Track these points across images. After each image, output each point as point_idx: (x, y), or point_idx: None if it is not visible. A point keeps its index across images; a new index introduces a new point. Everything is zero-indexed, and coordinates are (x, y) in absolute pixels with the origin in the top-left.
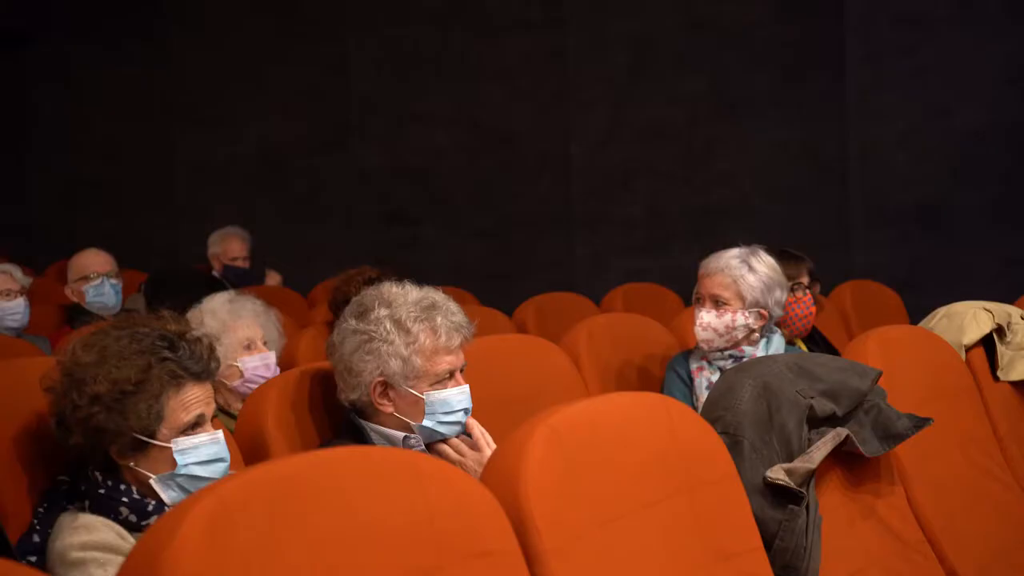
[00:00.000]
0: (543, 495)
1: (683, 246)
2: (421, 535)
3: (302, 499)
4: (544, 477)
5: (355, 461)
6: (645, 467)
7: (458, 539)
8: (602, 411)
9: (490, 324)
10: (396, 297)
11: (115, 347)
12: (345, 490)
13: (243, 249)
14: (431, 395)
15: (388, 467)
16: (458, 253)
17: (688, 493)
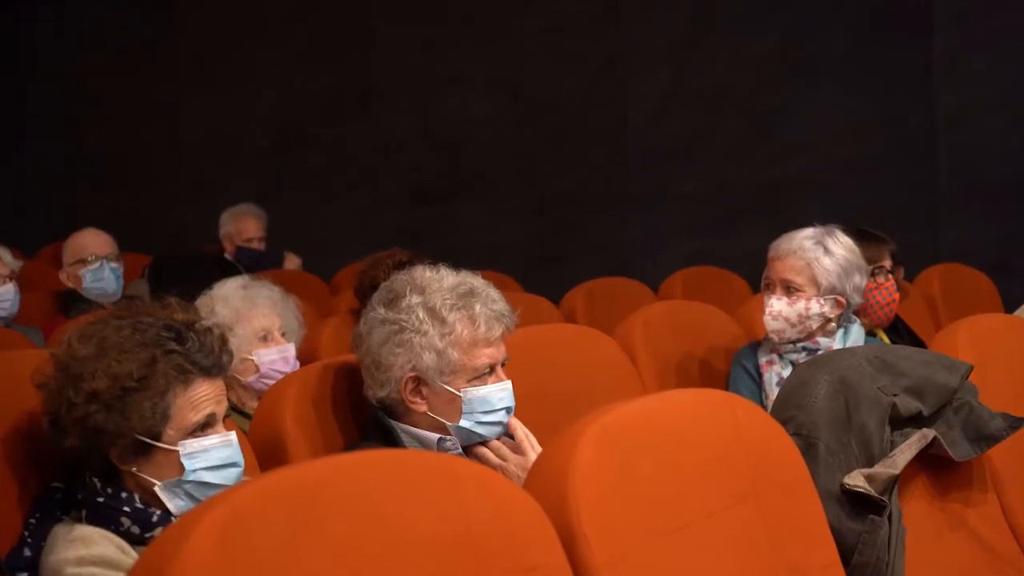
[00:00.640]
0: (594, 503)
1: (750, 225)
2: (458, 548)
3: (325, 508)
4: (595, 483)
5: (384, 466)
6: (708, 472)
7: (499, 553)
8: (660, 410)
9: (534, 313)
10: (430, 283)
11: (115, 338)
12: (373, 498)
13: (258, 229)
14: (469, 392)
15: (421, 472)
16: (499, 233)
17: (756, 501)
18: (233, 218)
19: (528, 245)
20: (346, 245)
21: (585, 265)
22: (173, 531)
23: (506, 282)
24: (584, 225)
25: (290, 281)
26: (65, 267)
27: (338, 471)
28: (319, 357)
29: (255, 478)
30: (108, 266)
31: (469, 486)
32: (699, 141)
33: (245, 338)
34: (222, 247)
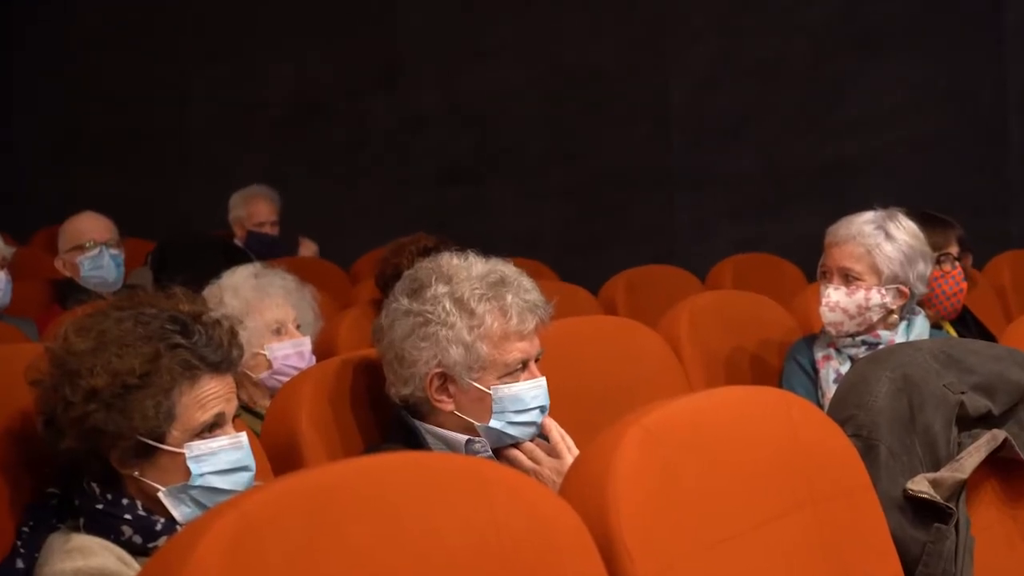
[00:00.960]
0: (636, 511)
1: (806, 209)
2: (487, 559)
3: (343, 516)
4: (637, 489)
5: (407, 470)
6: (759, 478)
7: (532, 564)
8: (707, 409)
9: (571, 303)
10: (457, 271)
11: (116, 331)
12: (395, 505)
13: (271, 212)
14: (500, 390)
15: (447, 477)
16: (532, 217)
17: (812, 509)
18: (244, 201)
19: (564, 230)
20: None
21: (626, 252)
22: (179, 541)
23: (540, 270)
24: (625, 208)
25: (305, 269)
26: (61, 254)
27: (357, 475)
28: (337, 352)
29: (268, 483)
30: (108, 253)
31: (500, 492)
32: (750, 117)
33: (257, 331)
34: (231, 232)
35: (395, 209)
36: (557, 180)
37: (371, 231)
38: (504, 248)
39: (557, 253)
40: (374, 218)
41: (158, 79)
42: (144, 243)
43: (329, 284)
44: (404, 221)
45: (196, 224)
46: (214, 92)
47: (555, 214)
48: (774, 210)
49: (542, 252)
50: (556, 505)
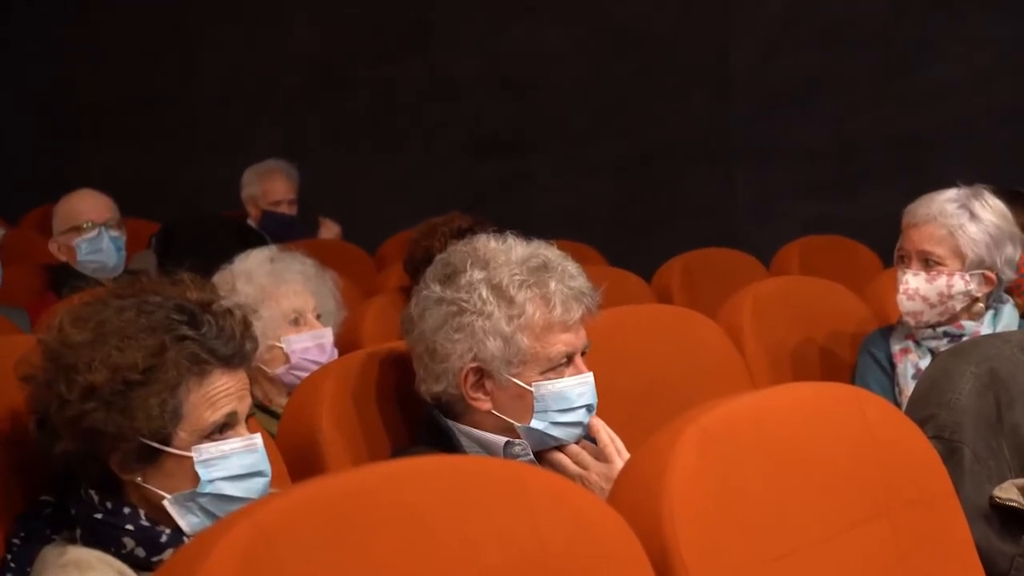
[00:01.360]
0: (693, 521)
1: (882, 186)
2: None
3: (368, 526)
4: (694, 497)
5: (439, 475)
6: (830, 484)
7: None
8: (772, 408)
9: (622, 290)
10: (495, 255)
11: (116, 322)
12: (426, 515)
13: (288, 190)
14: (542, 386)
15: (483, 483)
16: (578, 195)
17: (887, 519)
18: (258, 177)
19: (613, 209)
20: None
21: (682, 233)
22: (186, 554)
23: (587, 253)
24: (681, 185)
25: (327, 253)
26: (55, 236)
27: (384, 481)
28: (361, 344)
29: (284, 490)
30: (107, 235)
31: (542, 500)
32: (820, 83)
33: (272, 321)
34: (244, 212)
35: (426, 186)
36: (606, 153)
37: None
38: (547, 229)
39: (606, 235)
40: (403, 196)
41: (164, 44)
42: (147, 224)
43: (353, 269)
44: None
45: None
46: (226, 58)
47: (603, 191)
48: (846, 187)
49: (589, 233)
50: (604, 514)
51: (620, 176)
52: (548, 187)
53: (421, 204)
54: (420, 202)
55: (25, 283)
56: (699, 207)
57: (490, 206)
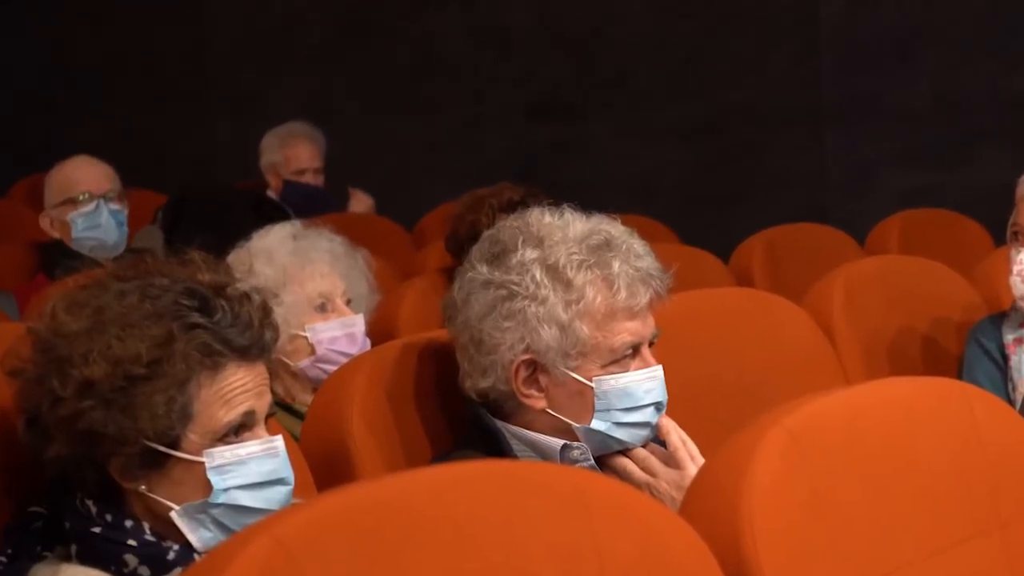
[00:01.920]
0: (777, 535)
1: (993, 152)
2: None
3: (404, 542)
4: (778, 508)
5: (486, 483)
6: (933, 493)
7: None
8: (867, 406)
9: (695, 271)
10: (551, 231)
11: (117, 308)
12: (471, 528)
13: (313, 157)
14: (604, 381)
15: (537, 492)
16: (645, 163)
17: (999, 533)
18: (279, 142)
19: (686, 179)
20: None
21: (764, 207)
22: (197, 573)
23: (656, 230)
24: (763, 152)
25: (358, 228)
26: (48, 209)
27: (423, 491)
28: (398, 334)
29: (309, 500)
30: (106, 208)
31: (603, 511)
32: (922, 35)
33: (296, 307)
34: (264, 182)
35: (471, 153)
36: (676, 116)
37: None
38: (609, 202)
39: (676, 208)
40: (444, 164)
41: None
42: (153, 195)
43: (388, 247)
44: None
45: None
46: (238, 4)
47: (674, 159)
48: (952, 154)
49: (657, 207)
50: (675, 528)
51: (692, 142)
52: (610, 154)
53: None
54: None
55: (13, 263)
56: (783, 177)
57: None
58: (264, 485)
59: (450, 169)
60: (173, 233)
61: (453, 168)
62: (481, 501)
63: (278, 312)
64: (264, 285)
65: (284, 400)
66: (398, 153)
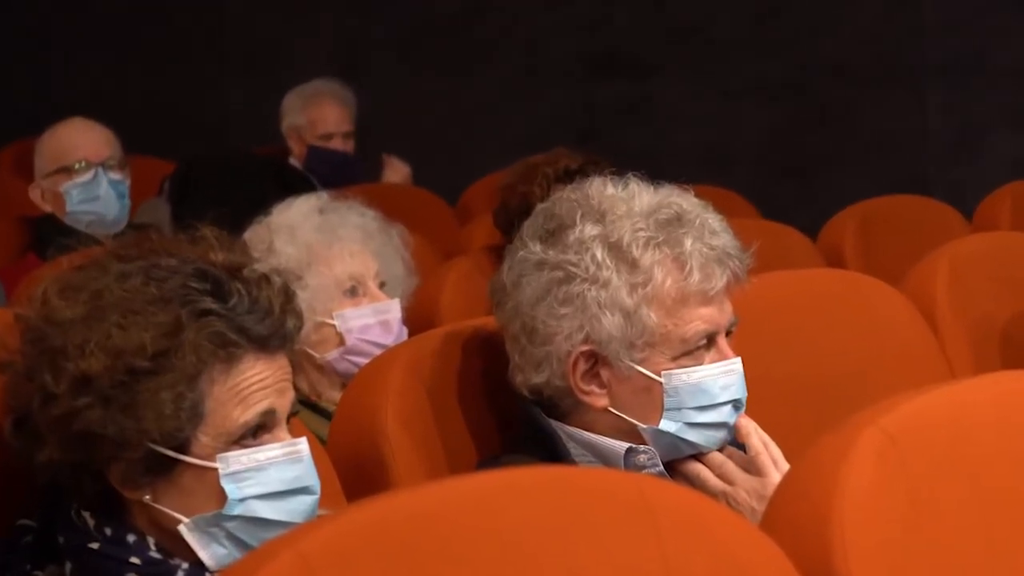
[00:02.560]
0: (871, 553)
1: None
2: None
3: (447, 560)
4: (873, 521)
5: (540, 493)
6: None
7: None
8: (975, 404)
9: (778, 250)
10: (614, 204)
11: (118, 292)
12: (522, 543)
13: (342, 119)
14: (675, 376)
15: (598, 504)
16: (721, 127)
17: None
18: (303, 103)
19: (767, 145)
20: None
21: (857, 176)
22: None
23: (734, 202)
24: (855, 114)
25: (393, 201)
26: (39, 180)
27: (468, 501)
28: (438, 321)
29: (337, 512)
30: (106, 177)
31: (674, 524)
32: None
33: (322, 291)
34: (285, 148)
35: (522, 114)
36: (756, 73)
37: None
38: (680, 170)
39: (757, 178)
40: (493, 127)
41: None
42: (158, 163)
43: (428, 223)
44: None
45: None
46: None
47: (754, 122)
48: None
49: (735, 177)
50: (755, 543)
51: (775, 102)
52: (682, 116)
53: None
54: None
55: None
56: (879, 142)
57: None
58: (286, 494)
59: (499, 133)
60: (182, 207)
61: (502, 132)
62: (534, 513)
63: (302, 297)
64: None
65: (309, 397)
66: (439, 114)
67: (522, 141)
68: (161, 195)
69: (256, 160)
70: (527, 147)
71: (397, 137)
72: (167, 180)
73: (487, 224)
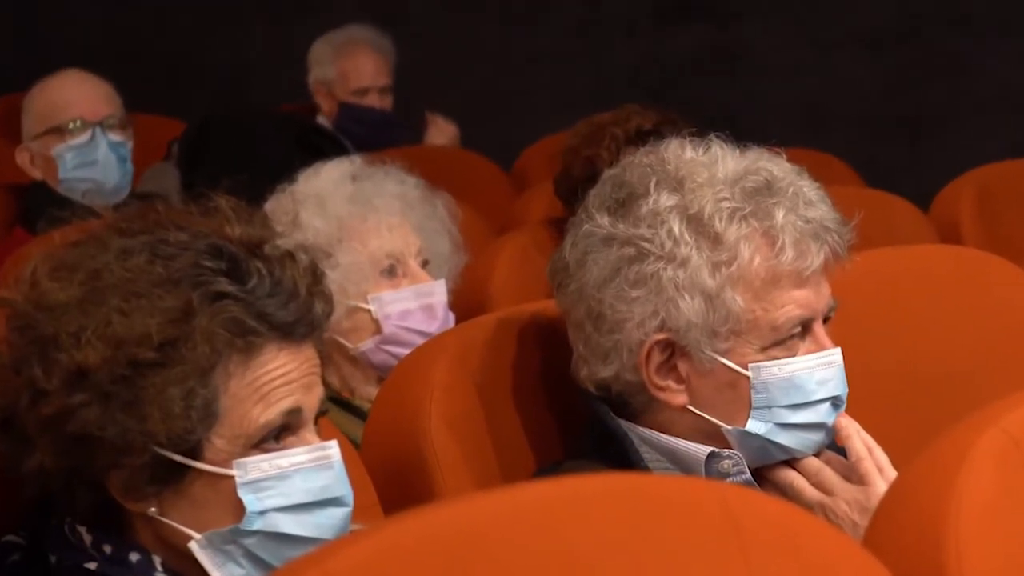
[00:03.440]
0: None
1: None
2: None
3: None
4: (994, 535)
5: (609, 505)
6: None
7: None
8: None
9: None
10: (693, 170)
11: (119, 272)
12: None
13: (378, 72)
14: (765, 370)
15: (675, 517)
16: (819, 81)
17: None
18: (334, 53)
19: (869, 101)
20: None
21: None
22: None
23: (832, 167)
24: (971, 65)
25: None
26: (27, 142)
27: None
28: (490, 307)
29: (372, 527)
30: (105, 139)
31: (762, 540)
32: None
33: (356, 271)
34: (312, 105)
35: (587, 67)
36: (855, 18)
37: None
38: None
39: (859, 140)
40: (552, 82)
41: None
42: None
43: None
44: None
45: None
46: None
47: (853, 74)
48: None
49: (833, 138)
50: (857, 561)
51: (878, 51)
52: (772, 69)
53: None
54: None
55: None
56: (1001, 98)
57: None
58: (313, 507)
59: (559, 88)
60: (193, 173)
61: (563, 87)
62: (601, 529)
63: (332, 277)
64: (313, 242)
65: (340, 394)
66: (490, 67)
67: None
68: (169, 159)
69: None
70: (592, 104)
71: (442, 92)
72: (176, 142)
73: (546, 193)
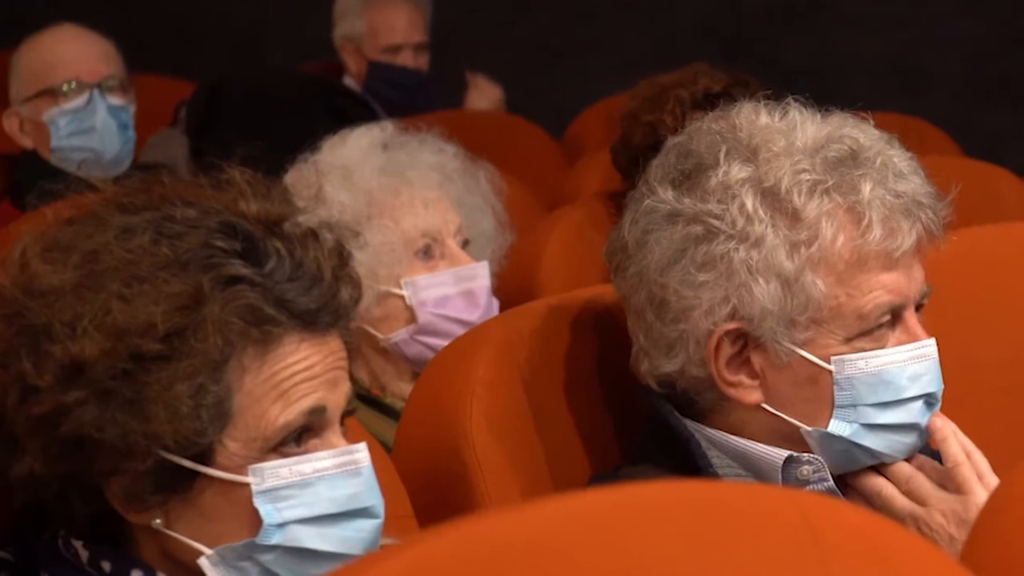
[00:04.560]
0: None
1: None
2: None
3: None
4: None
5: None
6: None
7: None
8: None
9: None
10: (769, 139)
11: (120, 253)
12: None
13: (414, 27)
14: (850, 363)
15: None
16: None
17: None
18: (363, 5)
19: (970, 60)
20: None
21: None
22: None
23: (928, 135)
24: None
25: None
26: (16, 106)
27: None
28: (540, 292)
29: (406, 541)
30: (104, 103)
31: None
32: None
33: (387, 252)
34: (338, 64)
35: (649, 21)
36: None
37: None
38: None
39: (959, 103)
40: (609, 39)
41: None
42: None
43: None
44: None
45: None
46: None
47: (952, 31)
48: None
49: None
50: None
51: (980, 4)
52: (857, 23)
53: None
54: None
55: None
56: None
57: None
58: (339, 518)
59: (617, 46)
60: (203, 141)
61: (622, 45)
62: (665, 542)
63: (360, 259)
64: (339, 219)
65: (369, 391)
66: (539, 22)
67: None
68: (176, 126)
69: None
70: (655, 63)
71: (485, 50)
72: (183, 106)
73: (603, 164)
